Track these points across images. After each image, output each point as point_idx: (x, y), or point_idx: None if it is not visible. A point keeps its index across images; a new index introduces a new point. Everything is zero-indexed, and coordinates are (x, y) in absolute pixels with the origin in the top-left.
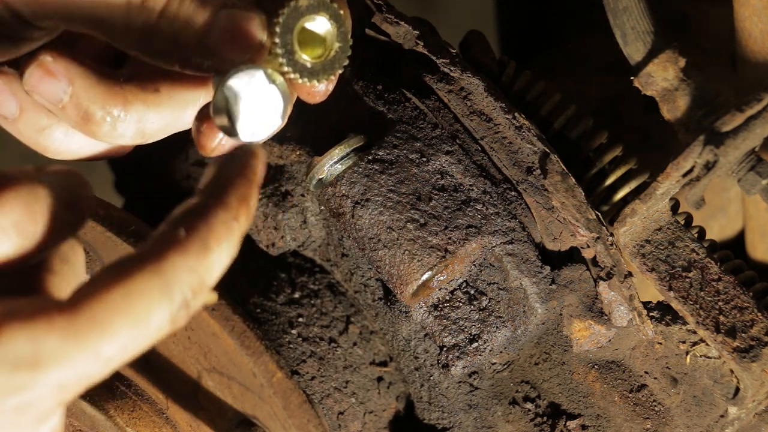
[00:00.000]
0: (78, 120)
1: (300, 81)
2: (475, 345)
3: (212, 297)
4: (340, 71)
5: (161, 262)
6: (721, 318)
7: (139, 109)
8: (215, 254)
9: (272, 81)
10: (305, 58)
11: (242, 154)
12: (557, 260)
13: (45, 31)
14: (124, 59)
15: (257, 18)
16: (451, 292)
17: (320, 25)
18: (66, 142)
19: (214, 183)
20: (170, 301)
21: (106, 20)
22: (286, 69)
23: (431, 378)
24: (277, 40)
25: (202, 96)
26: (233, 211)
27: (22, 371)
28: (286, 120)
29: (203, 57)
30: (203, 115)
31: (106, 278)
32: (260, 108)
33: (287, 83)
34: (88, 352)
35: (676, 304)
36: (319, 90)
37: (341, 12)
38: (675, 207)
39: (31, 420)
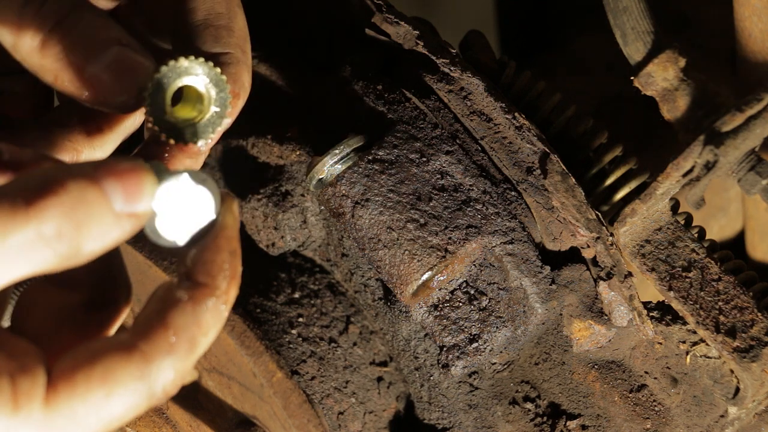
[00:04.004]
0: None
1: (164, 139)
2: (475, 345)
3: (192, 376)
4: (212, 136)
5: (148, 365)
6: (721, 318)
7: (88, 154)
8: (202, 347)
9: (200, 182)
10: (174, 118)
11: (217, 232)
12: (557, 260)
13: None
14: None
15: (145, 62)
16: (451, 292)
17: (200, 85)
18: None
19: (201, 270)
20: (150, 399)
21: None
22: (152, 126)
23: (431, 378)
24: (148, 96)
25: (138, 115)
26: (224, 296)
27: None
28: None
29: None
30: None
31: (91, 376)
32: (192, 208)
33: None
34: None
35: (676, 304)
36: (190, 149)
37: (223, 77)
38: (675, 207)
39: None
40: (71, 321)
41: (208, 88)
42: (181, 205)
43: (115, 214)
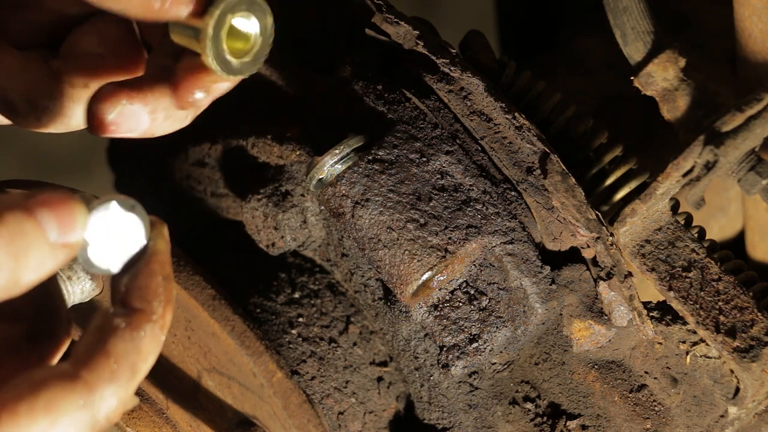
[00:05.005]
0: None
1: (219, 74)
2: (475, 345)
3: (133, 402)
4: (254, 68)
5: (91, 394)
6: (721, 318)
7: (70, 106)
8: (142, 373)
9: (129, 209)
10: (230, 57)
11: (149, 258)
12: (557, 260)
13: None
14: (60, 42)
15: None
16: (451, 292)
17: (246, 22)
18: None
19: (136, 296)
20: (93, 427)
21: None
22: (211, 64)
23: (431, 378)
24: (210, 31)
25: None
26: (160, 321)
27: None
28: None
29: None
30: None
31: (35, 406)
32: (123, 235)
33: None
34: None
35: (676, 304)
36: (222, 87)
37: (268, 11)
38: (675, 207)
39: None
40: (13, 352)
41: (257, 21)
42: (111, 233)
43: (50, 245)
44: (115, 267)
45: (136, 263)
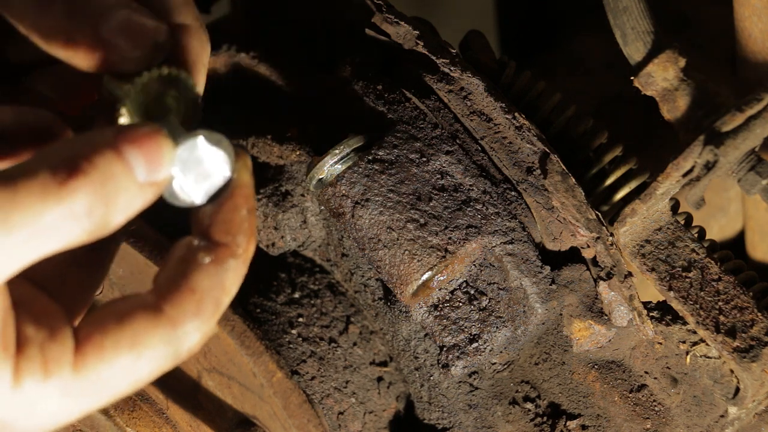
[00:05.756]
0: None
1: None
2: (475, 345)
3: (213, 332)
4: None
5: (176, 329)
6: (721, 318)
7: None
8: (224, 306)
9: (215, 143)
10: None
11: (234, 190)
12: (557, 260)
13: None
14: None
15: (158, 26)
16: (451, 292)
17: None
18: None
19: (221, 229)
20: (176, 360)
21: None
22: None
23: (431, 378)
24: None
25: None
26: (244, 255)
27: (22, 423)
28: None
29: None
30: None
31: (120, 341)
32: (208, 166)
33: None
34: (83, 412)
35: (676, 304)
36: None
37: (195, 89)
38: (675, 207)
39: None
40: (74, 262)
41: (179, 99)
42: (196, 165)
43: (138, 185)
44: (199, 199)
45: (220, 196)
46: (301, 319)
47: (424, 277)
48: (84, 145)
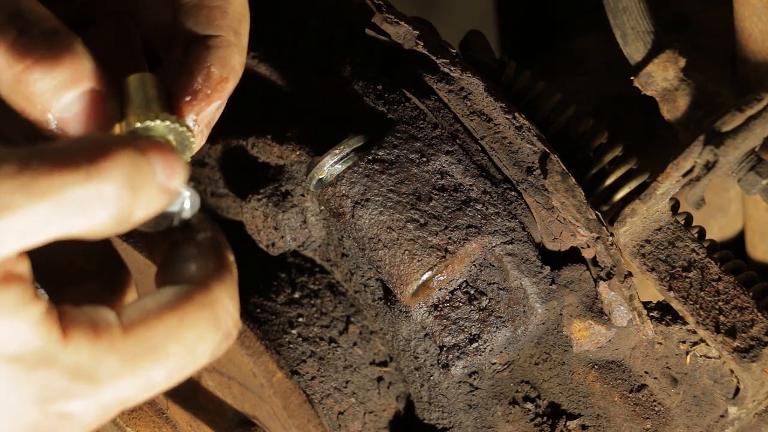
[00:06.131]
0: None
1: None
2: (475, 345)
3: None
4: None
5: (210, 294)
6: (721, 318)
7: None
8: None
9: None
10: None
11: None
12: (557, 260)
13: None
14: None
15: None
16: (451, 292)
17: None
18: None
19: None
20: (216, 333)
21: None
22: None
23: (431, 378)
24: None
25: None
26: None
27: (78, 383)
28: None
29: None
30: None
31: (160, 306)
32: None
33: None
34: (141, 378)
35: (676, 304)
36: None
37: (185, 131)
38: (675, 207)
39: (69, 430)
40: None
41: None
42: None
43: (158, 186)
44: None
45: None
46: (301, 319)
47: (424, 277)
48: (111, 139)
